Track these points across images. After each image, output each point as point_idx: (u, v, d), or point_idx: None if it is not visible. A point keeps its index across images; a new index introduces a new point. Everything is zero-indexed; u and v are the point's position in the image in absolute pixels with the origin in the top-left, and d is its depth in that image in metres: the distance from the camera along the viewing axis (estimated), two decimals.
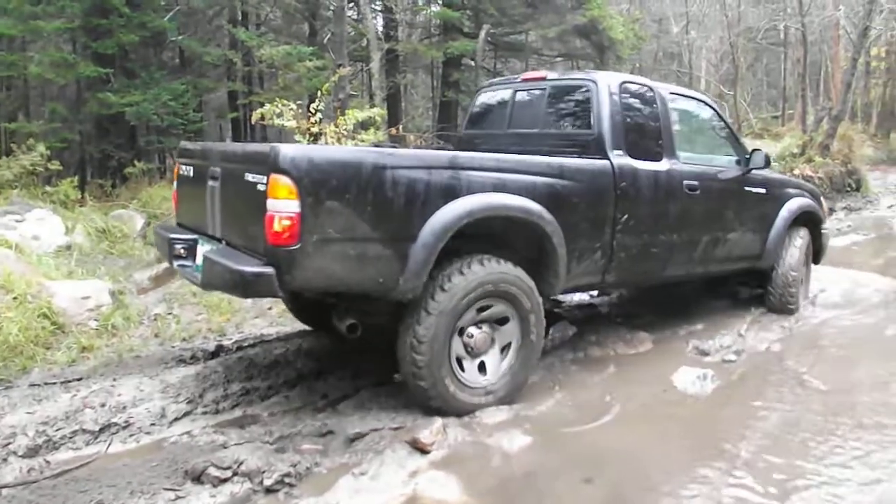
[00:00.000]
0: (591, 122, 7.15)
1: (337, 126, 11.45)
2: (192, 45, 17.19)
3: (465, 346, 5.95)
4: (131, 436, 5.54)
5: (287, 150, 4.99)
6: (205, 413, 5.96)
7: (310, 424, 5.73)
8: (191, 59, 18.35)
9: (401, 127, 17.00)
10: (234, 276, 5.08)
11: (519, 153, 6.89)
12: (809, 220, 9.53)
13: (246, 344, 7.42)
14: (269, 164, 4.95)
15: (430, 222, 5.47)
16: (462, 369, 5.93)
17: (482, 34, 19.21)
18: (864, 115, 40.50)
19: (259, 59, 17.35)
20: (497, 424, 5.75)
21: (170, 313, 8.19)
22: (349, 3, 19.43)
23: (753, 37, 40.81)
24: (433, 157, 5.88)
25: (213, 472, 4.81)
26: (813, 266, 10.04)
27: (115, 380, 6.36)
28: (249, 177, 5.21)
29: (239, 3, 18.86)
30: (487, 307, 6.02)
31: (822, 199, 10.12)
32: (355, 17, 21.08)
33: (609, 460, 5.38)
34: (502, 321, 6.16)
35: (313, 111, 11.22)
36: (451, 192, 5.61)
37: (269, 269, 4.97)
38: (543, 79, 8.06)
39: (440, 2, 22.20)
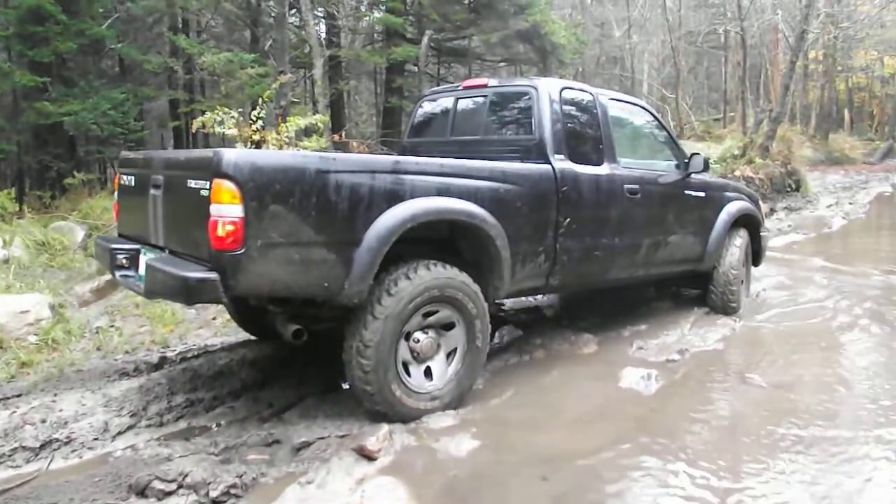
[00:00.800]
0: (533, 127, 7.24)
1: (279, 133, 11.40)
2: (131, 52, 16.98)
3: (412, 351, 5.96)
4: (73, 451, 5.45)
5: (230, 155, 4.95)
6: (149, 426, 5.89)
7: (255, 434, 5.68)
8: (131, 67, 18.15)
9: (343, 133, 16.95)
10: (177, 282, 5.04)
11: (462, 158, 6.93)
12: (748, 223, 9.73)
13: (190, 355, 7.34)
14: (213, 170, 4.91)
15: (374, 226, 5.48)
16: (408, 374, 5.93)
17: (425, 40, 19.23)
18: (804, 116, 41.38)
19: (200, 67, 17.20)
20: (444, 429, 5.76)
21: (112, 326, 8.09)
22: (291, 9, 19.34)
23: (694, 40, 41.41)
24: (377, 162, 5.87)
25: (157, 485, 4.75)
26: (753, 267, 10.23)
27: (56, 395, 6.24)
28: (192, 183, 5.17)
29: (179, 10, 18.71)
30: (433, 312, 6.04)
31: (760, 202, 10.33)
32: (297, 23, 20.99)
33: (556, 461, 5.38)
34: (448, 326, 6.18)
35: (254, 119, 11.15)
36: (395, 197, 5.62)
37: (214, 275, 4.94)
38: (484, 86, 8.11)
39: (383, 7, 22.14)
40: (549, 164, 7.02)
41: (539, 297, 9.04)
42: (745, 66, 32.44)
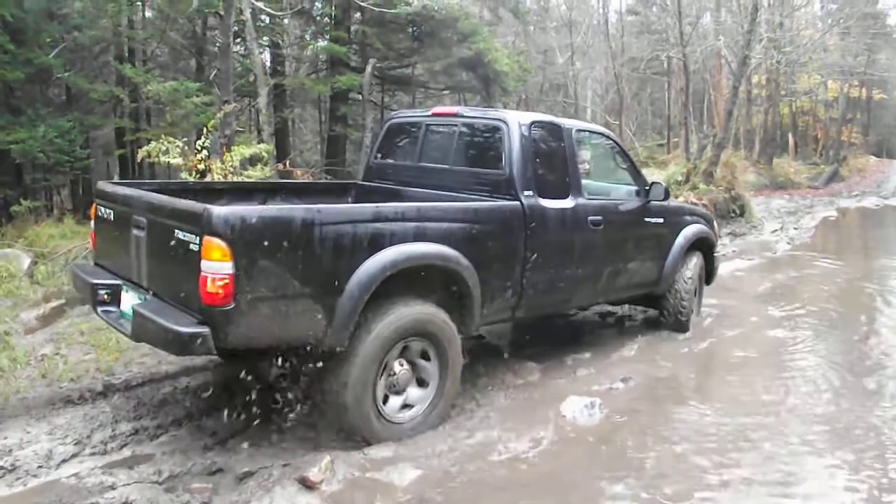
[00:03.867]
0: (503, 162, 7.36)
1: (223, 162, 11.47)
2: (78, 81, 16.94)
3: (388, 384, 6.16)
4: (18, 479, 5.51)
5: (220, 212, 5.06)
6: (93, 454, 5.94)
7: (199, 463, 5.78)
8: (77, 96, 18.09)
9: (288, 162, 17.00)
10: (169, 335, 5.14)
11: (431, 187, 7.42)
12: (703, 245, 9.96)
13: (134, 383, 7.37)
14: (202, 226, 5.02)
15: (356, 275, 5.64)
16: (385, 405, 6.14)
17: (369, 68, 19.34)
18: (748, 141, 41.59)
19: (146, 96, 17.22)
20: (386, 459, 5.85)
21: (57, 353, 8.09)
22: (236, 38, 19.40)
23: (637, 67, 41.62)
24: (358, 212, 6.04)
25: None
26: (705, 287, 10.51)
27: (0, 422, 6.30)
28: (181, 234, 5.27)
29: (125, 39, 18.72)
30: (409, 345, 6.25)
31: (714, 222, 10.60)
32: (243, 52, 21.05)
33: (494, 492, 5.53)
34: (423, 356, 6.40)
35: (199, 148, 11.22)
36: (375, 244, 5.78)
37: (205, 329, 5.05)
38: (455, 115, 8.24)
39: (327, 37, 22.24)
40: (519, 200, 7.16)
41: None
42: (687, 91, 32.69)
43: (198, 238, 5.07)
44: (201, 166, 11.14)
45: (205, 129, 11.68)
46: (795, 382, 8.10)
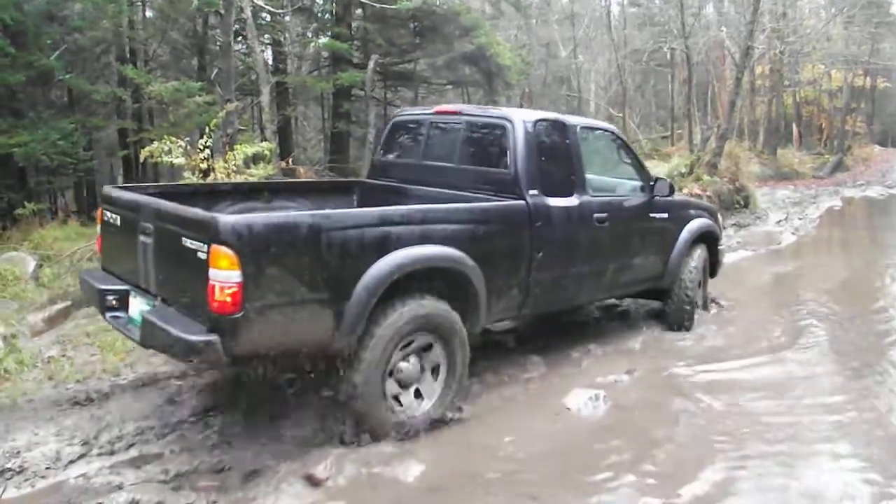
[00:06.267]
0: (508, 162, 7.36)
1: (226, 162, 11.47)
2: (80, 83, 16.93)
3: (398, 380, 6.21)
4: (26, 480, 5.51)
5: (227, 221, 5.09)
6: (100, 454, 5.93)
7: (206, 461, 5.77)
8: (79, 98, 18.07)
9: (291, 160, 16.97)
10: (179, 343, 5.15)
11: (435, 185, 7.45)
12: (707, 238, 9.93)
13: (140, 383, 7.39)
14: (210, 235, 5.04)
15: (363, 280, 5.67)
16: (395, 400, 6.19)
17: (371, 64, 19.29)
18: (752, 132, 41.34)
19: (148, 96, 17.23)
20: (391, 454, 5.85)
21: (64, 355, 8.10)
22: (237, 37, 19.39)
23: (640, 59, 41.51)
24: (365, 216, 6.03)
25: None
26: (710, 278, 10.51)
27: (8, 424, 6.31)
28: (188, 243, 5.28)
29: (127, 40, 18.73)
30: (418, 342, 6.31)
31: (718, 215, 10.58)
32: (244, 50, 21.03)
33: (498, 485, 5.55)
34: (432, 352, 6.43)
35: (201, 147, 11.22)
36: (382, 248, 5.81)
37: (215, 338, 5.06)
38: (458, 113, 8.25)
39: (329, 33, 22.22)
40: (524, 199, 7.17)
41: None
42: (690, 83, 32.56)
43: (206, 246, 5.08)
44: (204, 165, 11.14)
45: (207, 129, 11.67)
46: (802, 373, 8.12)
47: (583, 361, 8.33)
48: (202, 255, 5.10)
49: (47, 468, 5.68)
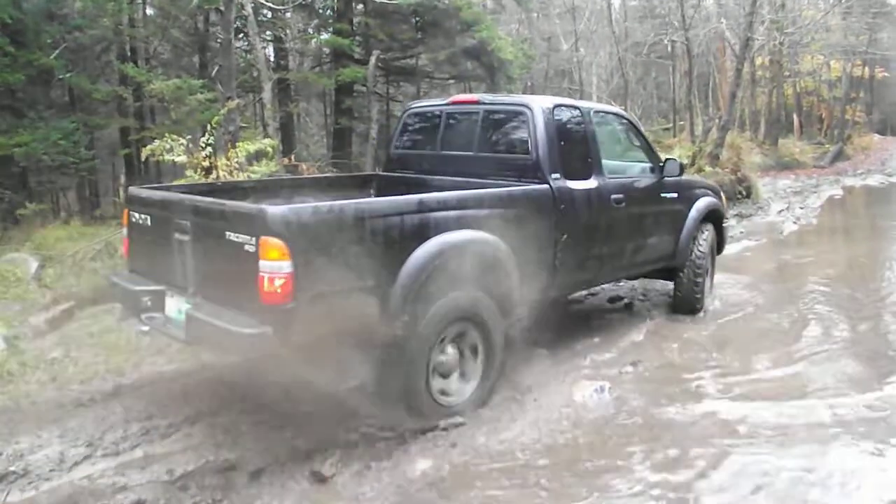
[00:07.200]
0: (529, 147, 7.52)
1: (228, 159, 11.44)
2: (80, 82, 16.85)
3: (438, 368, 6.33)
4: (30, 483, 5.48)
5: (276, 212, 5.11)
6: (105, 455, 5.90)
7: (212, 461, 5.74)
8: (80, 97, 17.98)
9: (293, 156, 16.95)
10: (232, 337, 5.19)
11: (454, 175, 7.58)
12: (713, 216, 10.16)
13: (145, 382, 7.38)
14: (258, 227, 5.08)
15: (406, 265, 5.76)
16: (435, 388, 6.32)
17: (372, 60, 19.25)
18: (753, 123, 41.44)
19: (149, 94, 17.18)
20: (397, 449, 5.86)
21: (67, 356, 8.07)
22: (238, 34, 19.33)
23: (641, 51, 41.52)
24: (404, 203, 6.05)
25: None
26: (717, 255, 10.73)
27: (11, 427, 6.28)
28: (233, 236, 5.30)
29: (127, 38, 18.68)
30: (456, 330, 6.42)
31: (721, 194, 10.79)
32: (245, 47, 20.99)
33: (503, 478, 5.54)
34: (470, 341, 6.57)
35: (203, 145, 11.18)
36: (422, 235, 5.91)
37: (268, 329, 5.09)
38: (476, 102, 8.40)
39: (330, 30, 22.17)
40: (547, 183, 7.32)
41: None
42: (691, 75, 32.64)
43: (253, 239, 5.11)
44: (206, 163, 11.10)
45: (209, 126, 11.62)
46: (809, 362, 8.12)
47: (588, 354, 8.35)
48: (250, 248, 5.14)
49: (51, 470, 5.64)
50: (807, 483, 5.44)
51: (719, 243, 10.65)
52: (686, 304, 9.91)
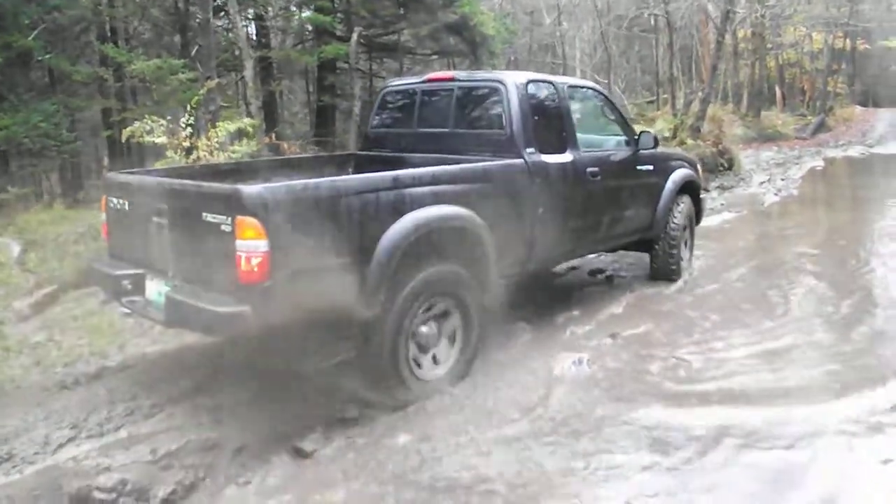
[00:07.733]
0: (503, 122, 7.60)
1: (209, 139, 11.43)
2: (60, 63, 16.74)
3: (417, 343, 6.38)
4: (14, 467, 5.47)
5: (251, 192, 5.13)
6: (89, 437, 5.90)
7: (195, 440, 5.74)
8: (60, 78, 17.88)
9: (275, 135, 16.94)
10: (209, 316, 5.21)
11: (430, 152, 7.56)
12: (690, 188, 10.30)
13: (128, 364, 7.40)
14: (234, 207, 5.09)
15: (382, 241, 5.79)
16: (414, 364, 6.37)
17: (354, 36, 19.19)
18: (735, 95, 41.63)
19: (130, 75, 17.12)
20: (379, 424, 5.95)
21: (51, 340, 8.06)
22: (220, 12, 19.27)
23: (623, 25, 41.50)
24: (380, 180, 6.07)
25: (97, 495, 4.88)
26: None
27: None
28: (209, 217, 5.31)
29: (106, 18, 18.57)
30: (435, 305, 6.47)
31: (697, 166, 10.98)
32: (227, 25, 20.90)
33: (493, 446, 5.61)
34: (447, 315, 6.62)
35: (184, 125, 11.17)
36: (397, 210, 5.93)
37: (246, 308, 5.10)
38: (451, 79, 8.47)
39: (312, 7, 22.07)
40: (522, 157, 7.38)
41: None
42: (672, 48, 32.64)
43: (229, 219, 5.13)
44: (186, 144, 11.09)
45: (188, 107, 11.61)
46: (785, 331, 8.25)
47: (568, 326, 8.45)
48: (226, 228, 5.16)
49: (35, 453, 5.64)
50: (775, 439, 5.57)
51: (697, 214, 10.77)
52: (663, 274, 10.09)
